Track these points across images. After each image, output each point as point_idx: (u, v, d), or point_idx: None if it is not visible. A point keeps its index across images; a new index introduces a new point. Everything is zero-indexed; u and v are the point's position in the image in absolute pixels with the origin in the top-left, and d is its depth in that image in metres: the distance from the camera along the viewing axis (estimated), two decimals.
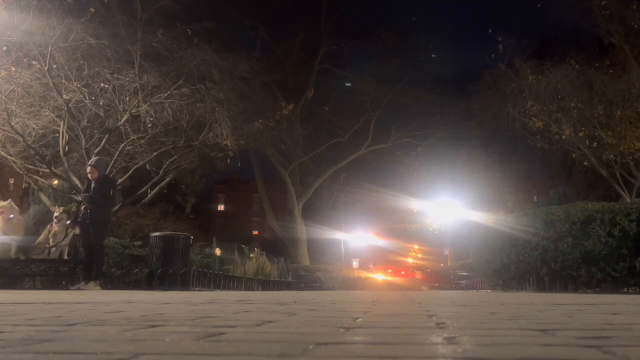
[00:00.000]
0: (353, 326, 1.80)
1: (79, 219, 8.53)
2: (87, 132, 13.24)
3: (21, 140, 12.40)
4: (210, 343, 1.33)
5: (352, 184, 34.14)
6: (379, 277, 41.10)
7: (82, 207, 8.51)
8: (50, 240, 9.26)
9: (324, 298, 5.12)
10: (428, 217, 35.72)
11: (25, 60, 11.83)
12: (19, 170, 14.07)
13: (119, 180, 13.96)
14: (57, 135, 13.06)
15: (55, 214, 9.46)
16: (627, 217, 8.46)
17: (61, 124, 12.77)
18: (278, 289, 15.41)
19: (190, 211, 44.33)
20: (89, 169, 8.83)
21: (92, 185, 8.65)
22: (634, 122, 17.64)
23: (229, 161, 17.39)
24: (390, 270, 44.50)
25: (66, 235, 9.10)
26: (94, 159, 9.36)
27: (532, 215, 10.13)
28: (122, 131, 13.29)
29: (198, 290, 9.60)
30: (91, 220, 8.36)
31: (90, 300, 4.07)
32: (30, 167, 13.87)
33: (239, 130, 14.93)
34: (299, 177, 30.38)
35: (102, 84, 12.43)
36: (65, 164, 12.92)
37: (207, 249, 14.37)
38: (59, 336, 1.48)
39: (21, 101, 12.31)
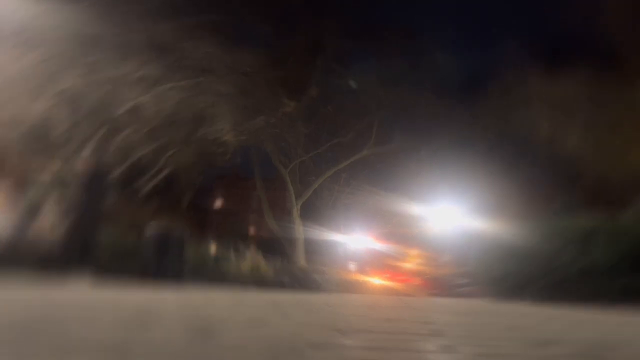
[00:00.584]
0: (349, 330, 1.73)
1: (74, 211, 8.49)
2: (86, 122, 13.17)
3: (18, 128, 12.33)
4: (205, 342, 1.28)
5: (352, 185, 34.17)
6: (377, 281, 41.18)
7: (77, 201, 8.49)
8: (48, 233, 9.19)
9: (320, 300, 5.08)
10: (429, 222, 35.78)
11: (25, 47, 11.75)
12: (15, 159, 14.01)
13: (116, 173, 13.94)
14: (56, 123, 13.00)
15: (49, 206, 9.36)
16: (630, 230, 8.38)
17: (60, 112, 12.70)
18: (274, 289, 15.36)
19: (187, 207, 44.44)
20: (81, 162, 8.79)
21: (86, 177, 8.59)
22: None
23: (229, 157, 17.36)
24: (387, 275, 44.58)
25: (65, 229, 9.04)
26: (86, 152, 9.32)
27: (534, 224, 10.07)
28: (121, 122, 13.22)
29: (193, 287, 9.52)
30: (85, 214, 8.31)
31: (85, 298, 4.00)
32: (27, 156, 13.80)
33: (240, 125, 14.87)
34: (299, 177, 30.40)
35: (102, 74, 12.36)
36: (63, 154, 12.84)
37: (203, 246, 14.31)
38: (52, 327, 1.42)
39: (19, 89, 12.24)
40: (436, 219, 33.82)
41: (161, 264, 9.70)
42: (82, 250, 8.46)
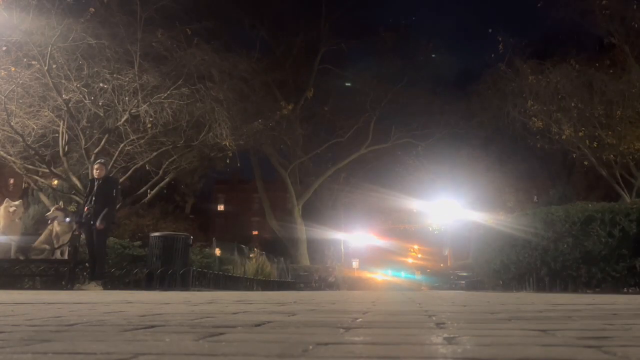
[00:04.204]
0: (353, 326, 1.80)
1: (83, 220, 8.56)
2: (87, 132, 13.24)
3: (21, 140, 12.40)
4: (210, 343, 1.33)
5: (352, 184, 34.10)
6: (379, 277, 41.17)
7: (86, 209, 8.56)
8: (54, 241, 9.23)
9: (323, 298, 5.13)
10: (428, 217, 35.69)
11: (25, 60, 11.82)
12: (19, 170, 14.07)
13: (120, 180, 14.03)
14: (57, 135, 13.06)
15: (47, 214, 9.42)
16: (627, 217, 8.49)
17: (61, 124, 12.77)
18: (278, 289, 15.40)
19: (190, 211, 44.29)
20: (97, 166, 8.90)
21: (96, 184, 8.69)
22: (634, 122, 17.64)
23: (228, 161, 17.38)
24: (390, 271, 44.55)
25: (72, 236, 9.11)
26: (102, 159, 9.46)
27: (532, 215, 10.14)
28: (122, 131, 13.28)
29: (198, 291, 9.60)
30: (95, 220, 8.39)
31: (90, 300, 4.06)
32: (30, 167, 13.86)
33: (238, 130, 14.92)
34: (298, 177, 30.36)
35: (101, 84, 12.43)
36: (65, 164, 12.92)
37: (206, 249, 14.36)
38: (59, 336, 1.48)
39: (21, 101, 12.30)
40: (435, 213, 33.79)
41: (166, 269, 9.78)
42: (91, 258, 8.55)
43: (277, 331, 1.65)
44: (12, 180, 38.26)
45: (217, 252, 15.32)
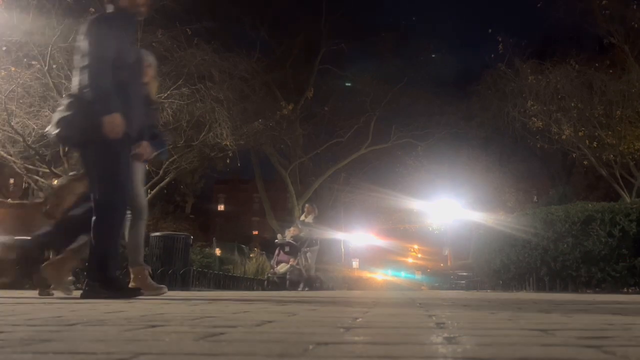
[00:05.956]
0: (353, 326, 1.80)
1: None
2: None
3: (21, 140, 12.40)
4: (210, 343, 1.33)
5: (352, 184, 34.11)
6: (379, 277, 41.21)
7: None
8: None
9: (323, 298, 5.12)
10: (428, 217, 35.71)
11: (25, 60, 11.83)
12: (19, 171, 14.08)
13: None
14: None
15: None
16: (627, 217, 8.50)
17: None
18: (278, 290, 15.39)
19: (190, 211, 44.32)
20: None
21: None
22: (634, 122, 17.64)
23: (228, 161, 17.39)
24: (390, 271, 44.57)
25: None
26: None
27: (532, 215, 10.15)
28: None
29: (198, 290, 9.61)
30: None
31: (90, 300, 4.06)
32: (31, 167, 13.87)
33: (238, 130, 14.94)
34: (298, 177, 30.36)
35: None
36: (65, 164, 12.92)
37: (207, 249, 14.37)
38: (58, 336, 1.48)
39: (21, 101, 12.31)
40: (435, 213, 33.81)
41: (166, 269, 9.79)
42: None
43: (277, 331, 1.65)
44: (12, 180, 38.24)
45: (217, 252, 15.33)
